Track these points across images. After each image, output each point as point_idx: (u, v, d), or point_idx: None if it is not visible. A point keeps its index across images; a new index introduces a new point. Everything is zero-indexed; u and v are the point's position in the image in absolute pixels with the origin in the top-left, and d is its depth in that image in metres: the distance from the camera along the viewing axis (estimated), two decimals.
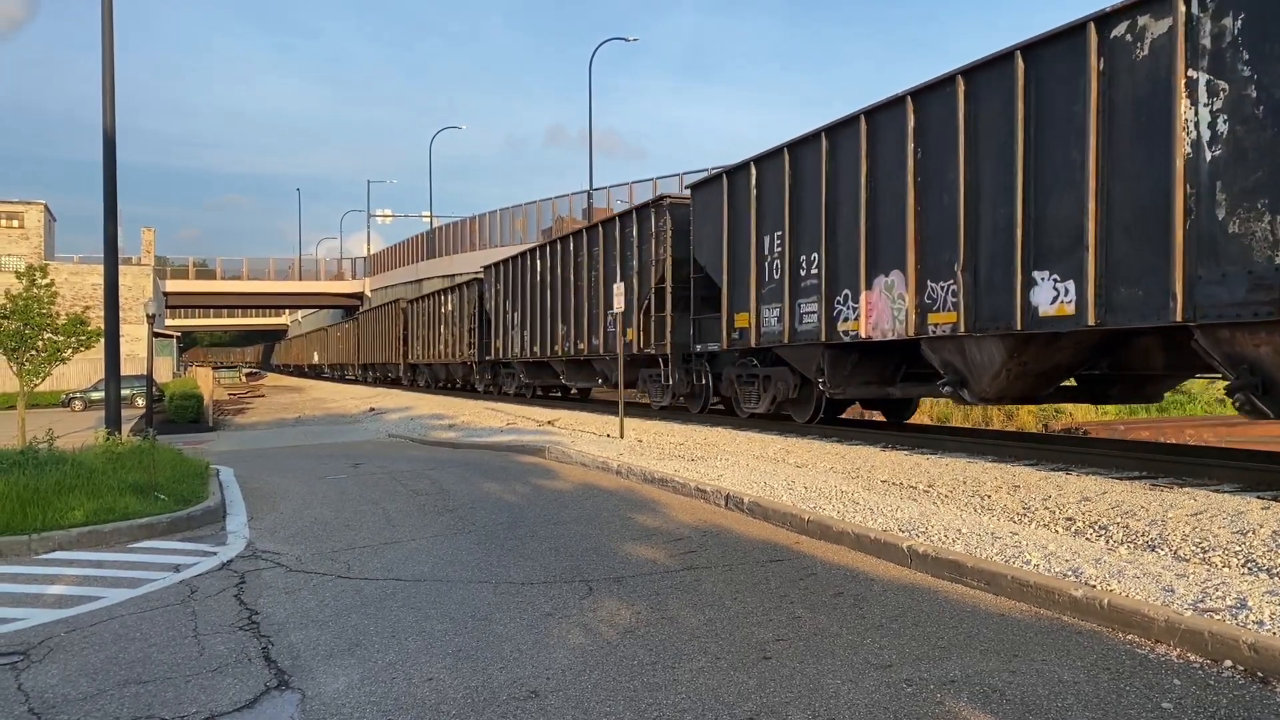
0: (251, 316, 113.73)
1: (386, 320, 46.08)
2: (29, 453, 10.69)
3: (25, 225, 66.96)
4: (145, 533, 8.48)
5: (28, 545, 7.84)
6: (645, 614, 5.63)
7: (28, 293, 21.71)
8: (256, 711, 4.32)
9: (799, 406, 15.13)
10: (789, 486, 9.38)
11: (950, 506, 8.22)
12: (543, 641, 5.17)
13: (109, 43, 15.21)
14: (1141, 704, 4.07)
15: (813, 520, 7.77)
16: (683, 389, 18.15)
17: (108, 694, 4.56)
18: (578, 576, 6.62)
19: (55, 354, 22.01)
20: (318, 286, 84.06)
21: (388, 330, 45.35)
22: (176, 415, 30.82)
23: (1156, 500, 7.62)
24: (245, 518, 9.47)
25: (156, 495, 9.55)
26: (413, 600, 6.12)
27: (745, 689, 4.39)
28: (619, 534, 8.07)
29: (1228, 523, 6.68)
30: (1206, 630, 4.61)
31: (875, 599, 5.83)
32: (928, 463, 10.52)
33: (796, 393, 14.81)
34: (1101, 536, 6.83)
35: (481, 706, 4.28)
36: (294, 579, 6.82)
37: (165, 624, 5.73)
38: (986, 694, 4.24)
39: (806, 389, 14.75)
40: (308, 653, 5.11)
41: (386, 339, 45.62)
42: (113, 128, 15.27)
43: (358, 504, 10.16)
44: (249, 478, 12.68)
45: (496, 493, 10.62)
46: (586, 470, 12.33)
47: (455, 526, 8.67)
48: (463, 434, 18.28)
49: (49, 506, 8.54)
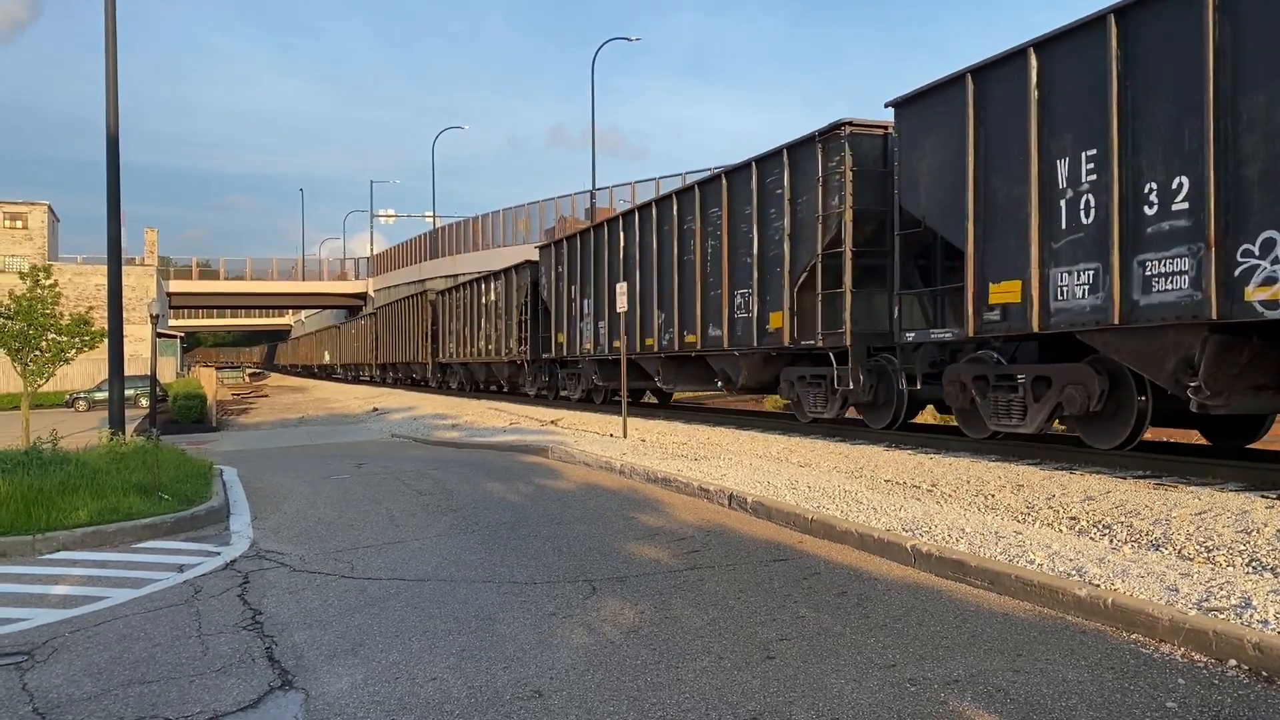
0: (255, 317, 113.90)
1: (411, 314, 40.38)
2: (33, 453, 10.71)
3: (29, 226, 67.12)
4: (149, 533, 8.49)
5: (32, 545, 7.86)
6: (649, 614, 5.63)
7: (31, 293, 21.75)
8: (260, 711, 4.33)
9: (1097, 427, 9.95)
10: (792, 486, 9.37)
11: (954, 506, 8.21)
12: (546, 641, 5.17)
13: (112, 43, 15.24)
14: (1146, 703, 4.07)
15: (816, 520, 7.76)
16: (864, 395, 13.18)
17: (112, 694, 4.57)
18: (581, 576, 6.62)
19: (59, 354, 22.04)
20: (321, 287, 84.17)
21: (412, 326, 39.98)
22: (180, 415, 30.87)
23: (1160, 499, 7.61)
24: (249, 518, 9.48)
25: (160, 495, 9.56)
26: (416, 600, 6.12)
27: (749, 688, 4.39)
28: (622, 534, 8.07)
29: (1232, 522, 6.67)
30: (1211, 630, 4.60)
31: (879, 598, 5.83)
32: (931, 462, 10.51)
33: (1101, 404, 9.65)
34: (1105, 536, 6.82)
35: (485, 706, 4.28)
36: (298, 579, 6.83)
37: (169, 624, 5.73)
38: (990, 693, 4.24)
39: (1121, 396, 9.65)
40: (311, 653, 5.11)
41: (411, 336, 40.29)
42: (116, 128, 15.30)
43: (361, 504, 10.16)
44: (252, 478, 12.70)
45: (500, 492, 10.62)
46: (590, 470, 12.34)
47: (458, 526, 8.68)
48: (466, 434, 18.29)
49: (53, 507, 8.56)
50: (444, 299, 35.92)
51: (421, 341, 38.18)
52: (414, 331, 39.65)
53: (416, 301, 39.93)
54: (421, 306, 38.50)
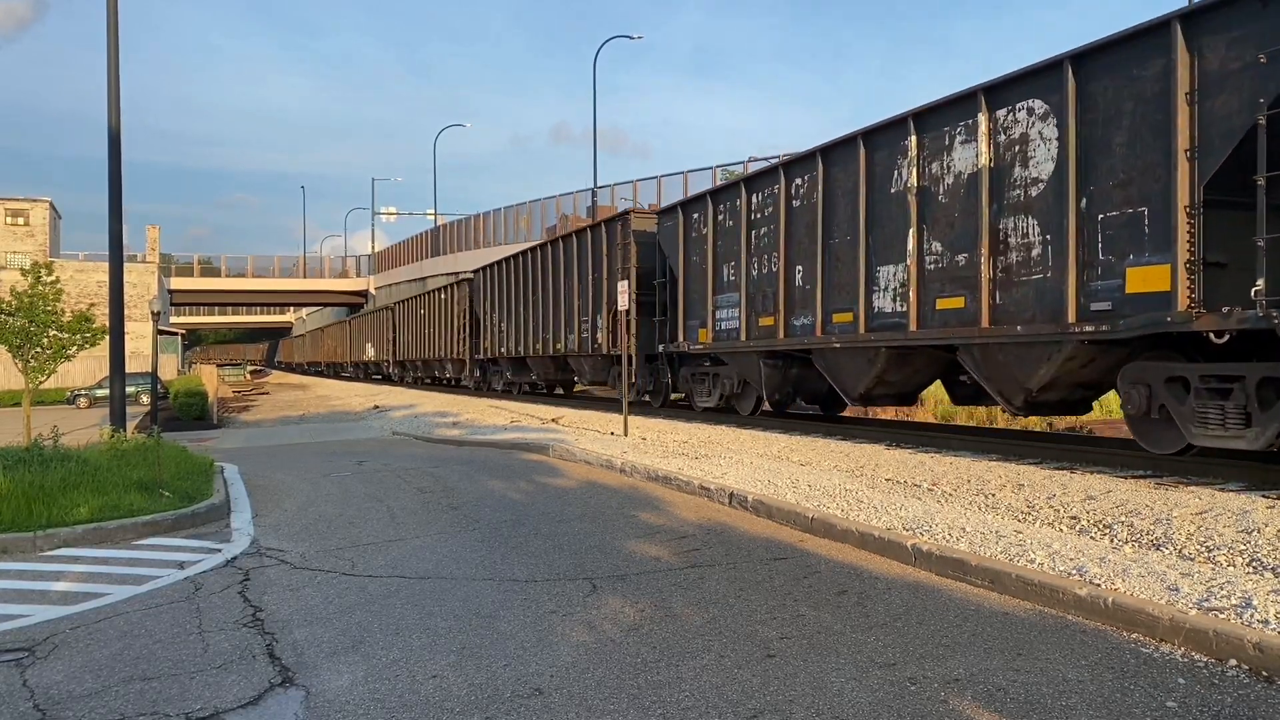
0: (256, 314, 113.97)
1: (448, 304, 35.06)
2: (34, 450, 10.73)
3: (30, 222, 67.11)
4: (150, 530, 8.49)
5: (33, 542, 7.86)
6: (649, 612, 5.63)
7: (33, 290, 21.74)
8: (261, 708, 4.33)
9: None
10: (793, 484, 9.37)
11: (954, 505, 8.21)
12: (547, 639, 5.18)
13: (113, 40, 15.24)
14: (1146, 703, 4.07)
15: (817, 518, 7.76)
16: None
17: (112, 690, 4.57)
18: (582, 574, 6.62)
19: (60, 351, 22.02)
20: (322, 284, 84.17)
21: (451, 317, 34.54)
22: (181, 412, 30.86)
23: (1161, 499, 7.60)
24: (250, 515, 9.48)
25: (161, 492, 9.56)
26: (417, 597, 6.12)
27: (749, 687, 4.39)
28: (623, 532, 8.07)
29: (1233, 521, 6.66)
30: (1211, 629, 4.60)
31: (879, 597, 5.83)
32: (932, 461, 10.50)
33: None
34: (1106, 535, 6.82)
35: (485, 704, 4.29)
36: (298, 576, 6.83)
37: (170, 621, 5.74)
38: (990, 693, 4.24)
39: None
40: (312, 650, 5.12)
41: (451, 327, 34.54)
42: (118, 125, 15.30)
43: (362, 501, 10.17)
44: (253, 475, 12.70)
45: (500, 490, 10.63)
46: (590, 468, 12.34)
47: (459, 524, 8.68)
48: (467, 432, 18.29)
49: (54, 503, 8.56)
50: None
51: (460, 335, 33.96)
52: (454, 324, 34.62)
53: (452, 291, 35.50)
54: (458, 296, 34.37)
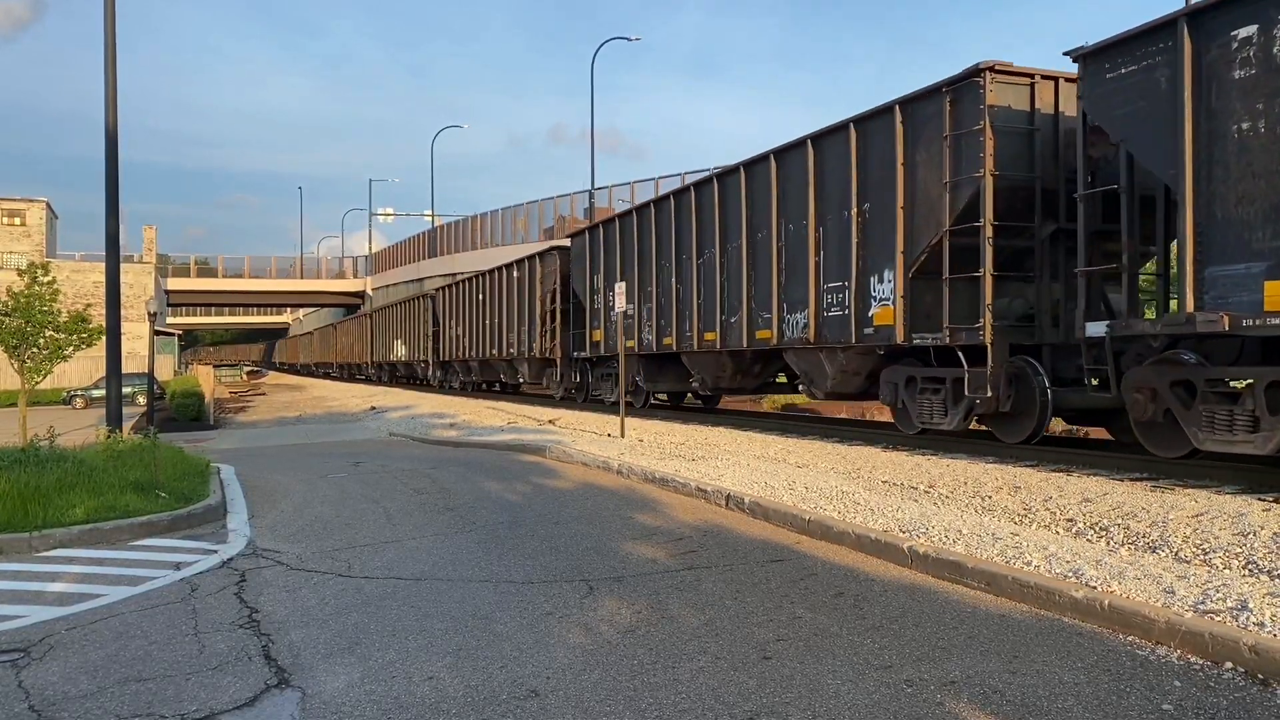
0: (253, 315, 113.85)
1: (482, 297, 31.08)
2: (30, 450, 10.70)
3: (27, 222, 67.02)
4: (146, 530, 8.47)
5: (29, 543, 7.84)
6: (645, 613, 5.63)
7: (29, 290, 21.70)
8: (257, 709, 4.32)
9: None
10: (790, 486, 9.37)
11: (951, 507, 8.21)
12: (543, 641, 5.17)
13: (111, 40, 15.23)
14: (1142, 705, 4.07)
15: (813, 520, 7.76)
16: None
17: (108, 691, 4.56)
18: (578, 576, 6.62)
19: (57, 352, 21.98)
20: (319, 285, 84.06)
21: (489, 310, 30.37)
22: (178, 413, 30.83)
23: (1158, 502, 7.61)
24: (246, 516, 9.47)
25: (158, 493, 9.55)
26: (413, 599, 6.12)
27: (745, 689, 4.39)
28: (620, 533, 8.07)
29: (1229, 524, 6.67)
30: (1207, 632, 4.61)
31: (876, 599, 5.83)
32: (929, 463, 10.51)
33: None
34: (1102, 538, 6.83)
35: (481, 705, 4.28)
36: (294, 577, 6.82)
37: (166, 622, 5.73)
38: (987, 695, 4.24)
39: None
40: (308, 651, 5.11)
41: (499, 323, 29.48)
42: (115, 125, 15.29)
43: (358, 502, 10.16)
44: (250, 476, 12.68)
45: (497, 492, 10.62)
46: (587, 469, 12.33)
47: (456, 525, 8.67)
48: (464, 433, 18.27)
49: (50, 504, 8.54)
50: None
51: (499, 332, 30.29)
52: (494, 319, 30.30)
53: (479, 282, 32.22)
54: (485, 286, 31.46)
